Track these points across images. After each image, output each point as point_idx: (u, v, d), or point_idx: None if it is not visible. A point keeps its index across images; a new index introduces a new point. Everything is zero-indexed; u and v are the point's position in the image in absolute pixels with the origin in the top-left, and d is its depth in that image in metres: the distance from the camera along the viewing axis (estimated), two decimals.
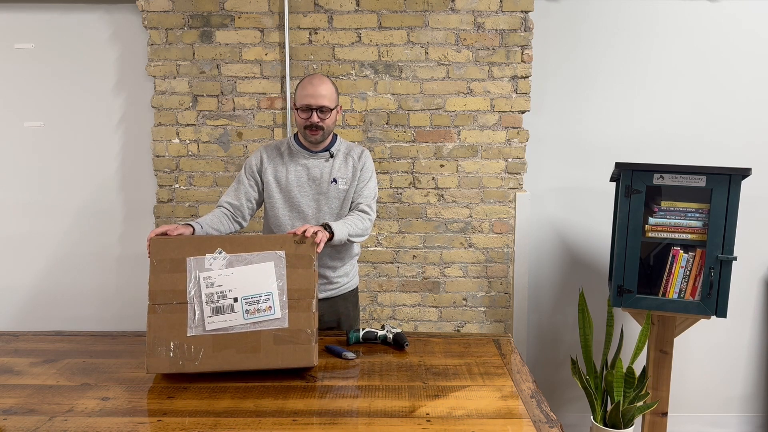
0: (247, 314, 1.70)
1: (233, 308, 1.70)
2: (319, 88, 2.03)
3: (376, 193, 2.19)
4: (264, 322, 1.69)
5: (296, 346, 1.69)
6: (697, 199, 2.38)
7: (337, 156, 2.17)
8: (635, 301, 2.45)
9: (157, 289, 1.70)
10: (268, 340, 1.69)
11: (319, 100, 2.03)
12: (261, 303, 1.71)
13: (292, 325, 1.70)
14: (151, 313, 1.69)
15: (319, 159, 2.15)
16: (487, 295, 2.90)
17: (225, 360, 1.67)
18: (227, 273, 1.72)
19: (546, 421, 1.48)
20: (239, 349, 1.68)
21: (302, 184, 2.14)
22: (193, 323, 1.69)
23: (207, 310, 1.69)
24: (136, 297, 2.97)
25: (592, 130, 2.94)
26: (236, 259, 1.73)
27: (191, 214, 2.85)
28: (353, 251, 2.26)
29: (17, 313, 2.98)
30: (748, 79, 2.88)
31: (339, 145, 2.19)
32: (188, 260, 1.72)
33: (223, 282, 1.71)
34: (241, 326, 1.69)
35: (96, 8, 2.83)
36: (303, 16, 2.74)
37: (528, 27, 2.75)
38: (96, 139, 2.90)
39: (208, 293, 1.70)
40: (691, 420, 3.07)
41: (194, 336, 1.68)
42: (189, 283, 1.70)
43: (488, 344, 2.04)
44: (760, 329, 3.03)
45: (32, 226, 2.95)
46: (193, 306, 1.69)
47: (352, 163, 2.16)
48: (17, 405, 1.56)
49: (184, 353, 1.67)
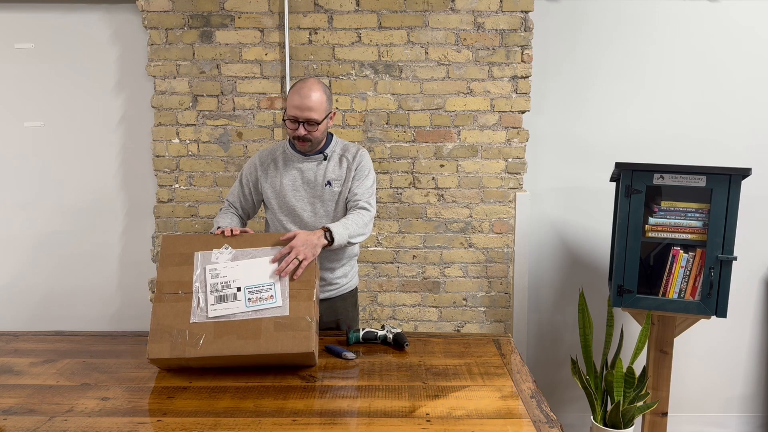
0: (249, 302, 1.75)
1: (236, 297, 1.76)
2: (307, 100, 1.96)
3: (374, 191, 2.17)
4: (265, 310, 1.74)
5: (296, 333, 1.71)
6: (697, 199, 2.38)
7: (331, 158, 2.14)
8: (635, 301, 2.45)
9: (164, 280, 1.78)
10: (269, 327, 1.72)
11: (305, 113, 1.97)
12: (263, 292, 1.77)
13: (292, 313, 1.74)
14: (157, 302, 1.76)
15: (313, 162, 2.13)
16: (487, 295, 2.90)
17: (225, 345, 1.69)
18: (232, 266, 1.80)
19: (546, 421, 1.48)
20: (240, 335, 1.70)
21: (297, 188, 2.13)
22: (196, 311, 1.74)
23: (211, 299, 1.75)
24: (136, 297, 2.97)
25: (592, 130, 2.93)
26: (241, 254, 1.82)
27: (191, 214, 2.85)
28: (352, 252, 2.26)
29: (17, 313, 2.98)
30: (748, 79, 2.88)
31: (334, 146, 2.16)
32: (196, 254, 1.81)
33: (228, 273, 1.79)
34: (243, 314, 1.74)
35: (96, 8, 2.83)
36: (303, 16, 2.74)
37: (528, 27, 2.75)
38: (96, 139, 2.90)
39: (213, 283, 1.77)
40: (691, 420, 3.07)
41: (197, 323, 1.72)
42: (195, 273, 1.78)
43: (488, 344, 2.04)
44: (760, 329, 3.03)
45: (32, 226, 2.95)
46: (198, 295, 1.75)
47: (346, 164, 2.13)
48: (17, 405, 1.56)
49: (186, 339, 1.69)
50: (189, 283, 1.77)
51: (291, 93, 2.01)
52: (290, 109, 1.99)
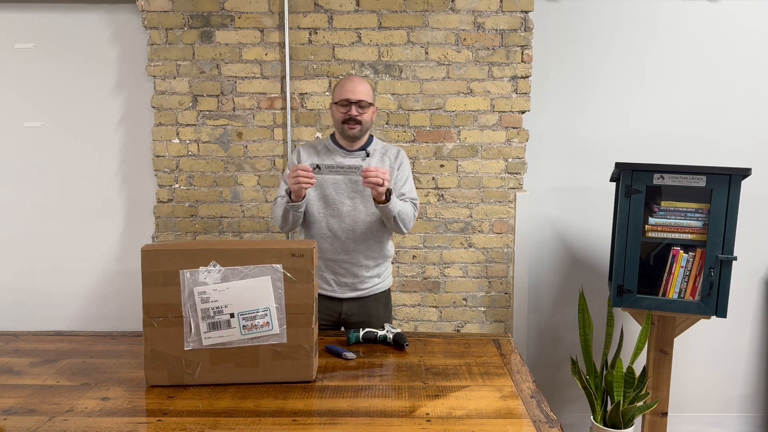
0: (244, 330, 1.67)
1: (230, 324, 1.66)
2: (358, 85, 2.13)
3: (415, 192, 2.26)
4: (262, 337, 1.67)
5: (295, 362, 1.68)
6: (697, 199, 2.38)
7: (373, 155, 2.20)
8: (635, 301, 2.45)
9: (151, 302, 1.66)
10: (267, 355, 1.68)
11: (358, 94, 2.11)
12: (258, 319, 1.67)
13: (290, 341, 1.68)
14: (146, 326, 1.66)
15: (356, 158, 2.18)
16: (487, 295, 2.90)
17: (223, 374, 1.67)
18: (222, 288, 1.66)
19: (546, 421, 1.48)
20: (237, 364, 1.67)
21: (338, 182, 2.16)
22: (189, 337, 1.66)
23: (203, 326, 1.66)
24: (136, 297, 2.93)
25: (592, 130, 2.94)
26: (231, 273, 1.66)
27: (191, 214, 2.85)
28: (387, 252, 2.27)
29: (17, 313, 2.98)
30: (748, 79, 2.88)
31: (375, 144, 2.25)
32: (182, 273, 1.66)
33: (218, 297, 1.66)
34: (239, 341, 1.67)
35: (96, 8, 2.83)
36: (303, 16, 2.74)
37: (528, 27, 2.75)
38: (96, 139, 2.90)
39: (204, 308, 1.65)
40: (691, 420, 3.07)
41: (191, 350, 1.66)
42: (183, 296, 1.66)
43: (488, 344, 2.04)
44: (760, 329, 3.03)
45: (32, 226, 2.95)
46: (189, 320, 1.66)
47: (388, 162, 2.20)
48: (17, 405, 1.56)
49: (182, 366, 1.66)
50: (178, 307, 1.65)
51: (340, 83, 2.16)
52: (342, 93, 2.12)
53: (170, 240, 2.86)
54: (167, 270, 1.66)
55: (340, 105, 2.12)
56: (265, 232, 2.86)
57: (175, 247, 1.69)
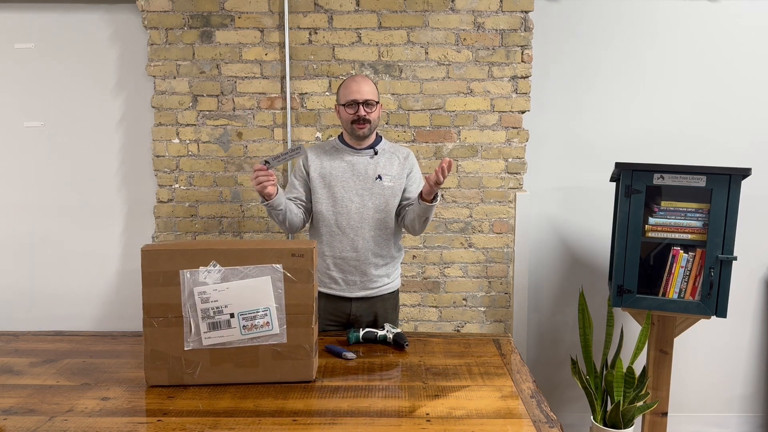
0: (244, 330, 1.67)
1: (230, 324, 1.67)
2: (363, 85, 2.13)
3: None
4: (262, 337, 1.68)
5: (295, 362, 1.69)
6: (697, 199, 2.38)
7: (382, 154, 2.22)
8: (635, 301, 2.45)
9: (151, 302, 1.67)
10: (267, 355, 1.68)
11: (364, 94, 2.12)
12: (258, 319, 1.67)
13: (290, 341, 1.68)
14: (146, 326, 1.67)
15: (364, 156, 2.20)
16: (487, 295, 2.90)
17: (223, 374, 1.67)
18: (222, 288, 1.66)
19: (546, 421, 1.48)
20: (237, 364, 1.68)
21: (346, 180, 2.17)
22: (189, 337, 1.66)
23: (203, 326, 1.66)
24: (136, 296, 2.94)
25: (592, 130, 2.94)
26: (231, 273, 1.66)
27: (191, 214, 2.85)
28: (396, 251, 2.28)
29: (17, 313, 2.98)
30: (747, 79, 2.88)
31: (383, 144, 2.26)
32: (182, 273, 1.66)
33: (218, 297, 1.66)
34: (239, 341, 1.67)
35: (96, 8, 2.83)
36: (303, 16, 2.74)
37: (528, 27, 2.75)
38: (96, 139, 2.90)
39: (204, 308, 1.66)
40: (691, 420, 3.07)
41: (191, 350, 1.66)
42: (183, 296, 1.66)
43: (488, 344, 2.04)
44: (760, 329, 3.03)
45: (32, 226, 2.94)
46: (189, 320, 1.66)
47: (398, 162, 2.22)
48: (17, 405, 1.56)
49: (182, 366, 1.66)
50: (178, 307, 1.65)
51: (344, 84, 2.16)
52: (348, 95, 2.13)
53: (170, 240, 2.86)
54: (167, 270, 1.66)
55: (347, 106, 2.13)
56: (265, 232, 2.87)
57: (175, 247, 1.70)
